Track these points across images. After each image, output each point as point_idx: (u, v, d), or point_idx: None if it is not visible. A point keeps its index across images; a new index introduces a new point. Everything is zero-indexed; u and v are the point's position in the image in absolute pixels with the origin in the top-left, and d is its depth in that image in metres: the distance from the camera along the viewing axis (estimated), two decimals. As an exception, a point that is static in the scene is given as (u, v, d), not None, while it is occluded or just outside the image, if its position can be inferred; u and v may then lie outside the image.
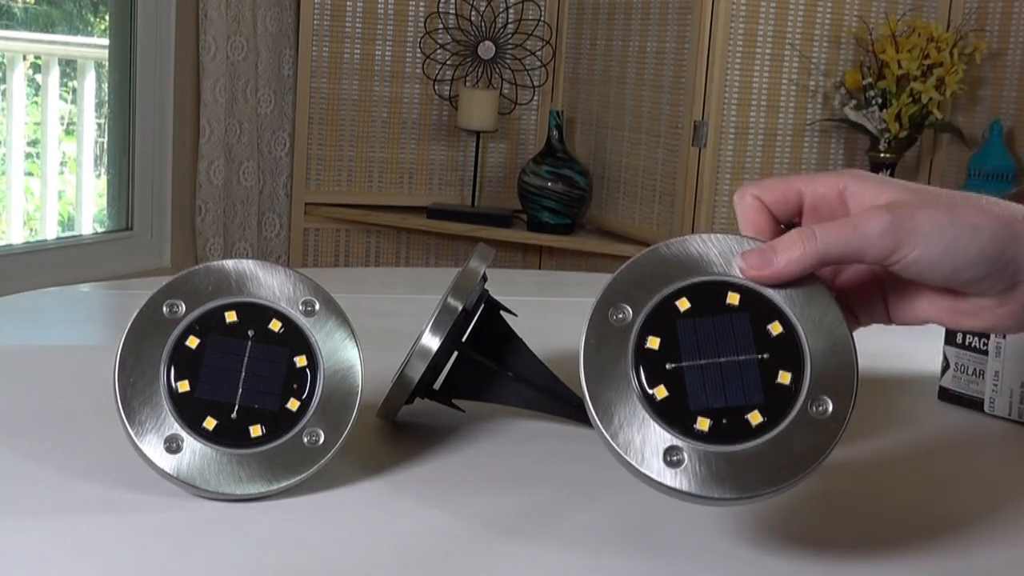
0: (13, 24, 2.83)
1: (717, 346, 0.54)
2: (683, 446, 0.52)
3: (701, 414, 0.52)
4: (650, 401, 0.53)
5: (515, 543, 0.59)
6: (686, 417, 0.52)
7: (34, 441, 0.69)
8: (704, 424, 0.52)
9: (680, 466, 0.52)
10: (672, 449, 0.52)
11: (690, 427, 0.52)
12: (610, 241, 2.81)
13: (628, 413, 0.53)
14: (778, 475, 0.52)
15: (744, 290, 0.55)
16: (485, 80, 3.00)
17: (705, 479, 0.52)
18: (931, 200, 0.54)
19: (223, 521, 0.59)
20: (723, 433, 0.52)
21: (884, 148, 2.58)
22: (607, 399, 0.53)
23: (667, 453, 0.52)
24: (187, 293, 0.63)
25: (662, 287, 0.55)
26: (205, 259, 2.73)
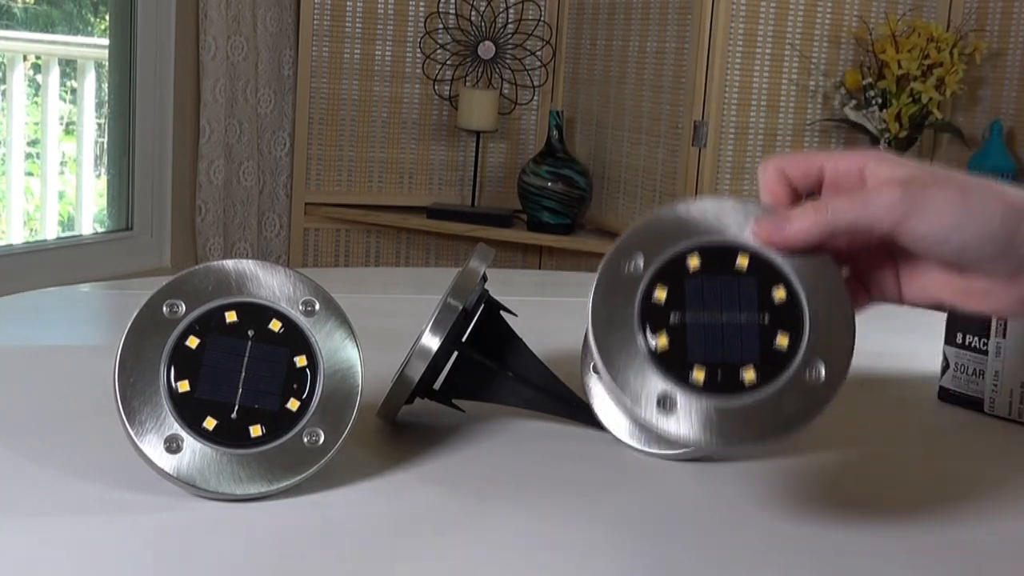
0: (13, 24, 2.83)
1: (721, 305, 0.56)
2: (677, 394, 0.55)
3: (698, 365, 0.55)
4: (651, 349, 0.56)
5: (515, 543, 0.59)
6: (683, 367, 0.55)
7: (34, 441, 0.69)
8: (700, 375, 0.55)
9: (672, 412, 0.54)
10: (666, 395, 0.55)
11: (686, 377, 0.55)
12: (610, 241, 2.80)
13: (629, 358, 0.55)
14: (764, 431, 0.54)
15: (754, 255, 0.57)
16: (485, 80, 3.00)
17: (694, 426, 0.54)
18: (945, 179, 0.56)
19: (223, 521, 0.59)
20: (716, 386, 0.55)
21: (884, 148, 2.58)
22: (611, 343, 0.56)
23: (661, 398, 0.54)
24: (187, 293, 0.63)
25: (676, 243, 0.58)
26: (205, 259, 2.73)
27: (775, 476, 0.71)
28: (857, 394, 0.92)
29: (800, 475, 0.71)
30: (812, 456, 0.75)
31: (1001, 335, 0.83)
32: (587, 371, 0.76)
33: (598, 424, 0.75)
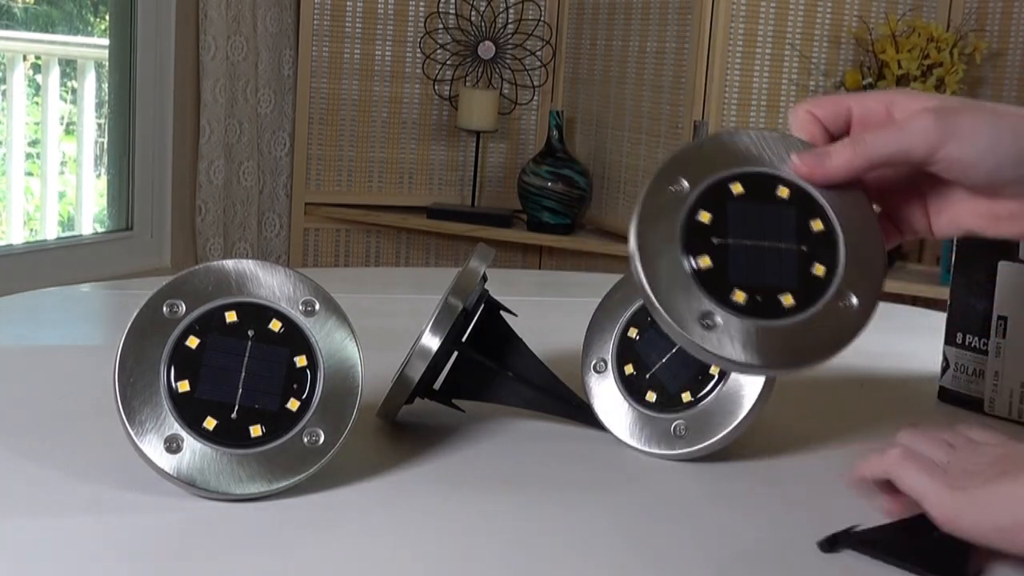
0: (13, 24, 2.83)
1: (763, 231, 0.59)
2: (718, 313, 0.56)
3: (739, 287, 0.57)
4: (694, 268, 0.57)
5: (515, 543, 0.59)
6: (725, 288, 0.57)
7: (34, 441, 0.69)
8: (740, 297, 0.57)
9: (713, 330, 0.56)
10: (708, 314, 0.56)
11: (727, 297, 0.57)
12: (610, 241, 2.81)
13: (672, 276, 0.57)
14: (801, 354, 0.56)
15: (793, 186, 0.60)
16: (485, 80, 3.00)
17: (735, 345, 0.56)
18: (975, 106, 0.57)
19: (223, 521, 0.59)
20: (756, 308, 0.56)
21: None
22: (655, 262, 0.57)
23: (703, 317, 0.56)
24: (187, 293, 0.63)
25: (719, 169, 0.60)
26: (205, 259, 2.73)
27: (775, 476, 0.71)
28: (857, 394, 0.92)
29: (800, 475, 0.71)
30: (812, 456, 0.75)
31: (1001, 335, 0.83)
32: (587, 371, 0.76)
33: (598, 424, 0.75)
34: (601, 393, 0.75)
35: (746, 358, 0.55)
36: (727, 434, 0.70)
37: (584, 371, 0.76)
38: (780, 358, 0.56)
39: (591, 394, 0.75)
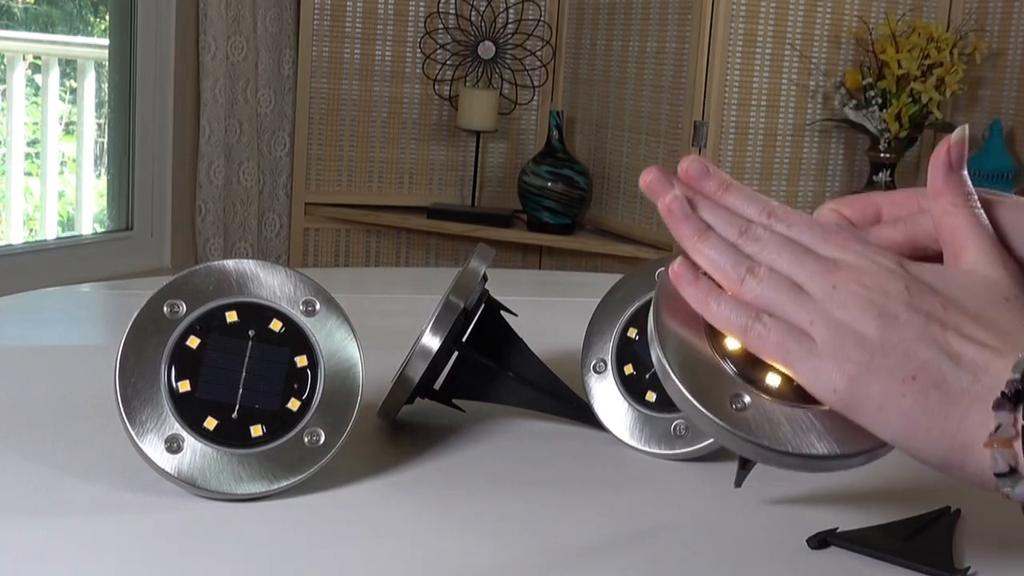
0: (13, 24, 2.83)
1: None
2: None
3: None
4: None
5: (515, 542, 0.59)
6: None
7: (34, 441, 0.69)
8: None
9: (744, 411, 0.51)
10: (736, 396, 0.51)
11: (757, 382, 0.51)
12: (610, 241, 2.81)
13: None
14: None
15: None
16: (485, 80, 3.00)
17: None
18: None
19: (223, 521, 0.59)
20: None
21: (884, 148, 2.58)
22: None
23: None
24: (188, 293, 0.63)
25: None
26: (205, 259, 2.73)
27: (774, 475, 0.71)
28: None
29: (800, 475, 0.71)
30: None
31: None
32: (587, 371, 0.76)
33: (598, 424, 0.75)
34: (601, 393, 0.75)
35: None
36: (727, 434, 0.70)
37: (584, 371, 0.76)
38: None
39: (591, 394, 0.75)
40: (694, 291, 0.52)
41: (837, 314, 0.48)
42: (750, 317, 0.50)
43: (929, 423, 0.46)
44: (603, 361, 0.76)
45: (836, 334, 0.48)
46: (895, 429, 0.47)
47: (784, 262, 0.51)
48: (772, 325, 0.49)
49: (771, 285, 0.50)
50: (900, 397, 0.47)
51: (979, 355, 0.47)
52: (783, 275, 0.50)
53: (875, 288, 0.48)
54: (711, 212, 0.53)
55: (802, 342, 0.49)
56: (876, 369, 0.47)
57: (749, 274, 0.51)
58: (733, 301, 0.51)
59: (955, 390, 0.46)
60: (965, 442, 0.46)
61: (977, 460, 0.46)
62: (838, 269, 0.49)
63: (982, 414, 0.45)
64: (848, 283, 0.49)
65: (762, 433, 0.49)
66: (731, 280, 0.51)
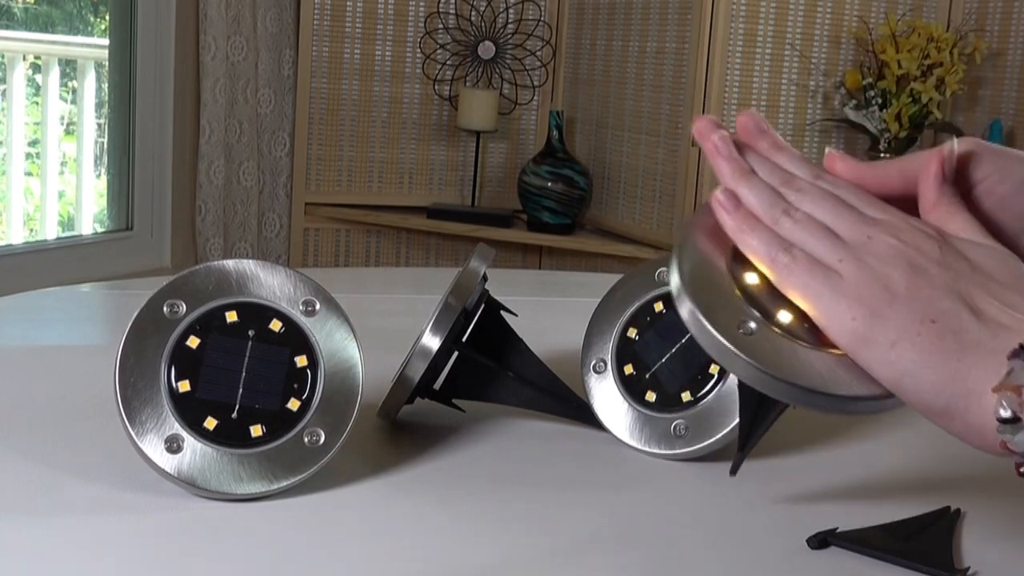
0: (13, 24, 2.83)
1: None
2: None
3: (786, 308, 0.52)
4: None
5: (515, 542, 0.59)
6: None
7: (34, 441, 0.69)
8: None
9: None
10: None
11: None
12: (610, 241, 2.81)
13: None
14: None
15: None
16: (485, 80, 3.00)
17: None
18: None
19: (223, 521, 0.59)
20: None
21: (884, 148, 2.58)
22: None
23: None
24: (188, 293, 0.63)
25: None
26: (205, 259, 2.73)
27: (775, 475, 0.71)
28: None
29: (800, 474, 0.71)
30: (811, 455, 0.75)
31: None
32: (587, 371, 0.76)
33: (598, 424, 0.75)
34: (601, 393, 0.75)
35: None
36: (727, 434, 0.70)
37: (584, 371, 0.76)
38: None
39: (591, 394, 0.75)
40: (731, 219, 0.53)
41: (868, 259, 0.50)
42: (780, 248, 0.51)
43: (939, 363, 0.47)
44: (603, 361, 0.76)
45: (863, 274, 0.49)
46: (904, 366, 0.47)
47: (823, 211, 0.52)
48: (801, 258, 0.51)
49: (805, 226, 0.52)
50: (916, 336, 0.47)
51: (1002, 314, 0.47)
52: (819, 221, 0.52)
53: (909, 243, 0.50)
54: (758, 161, 0.55)
55: (829, 277, 0.50)
56: (898, 307, 0.48)
57: (784, 214, 0.52)
58: (768, 232, 0.52)
59: (972, 339, 0.47)
60: (972, 387, 0.46)
61: (981, 407, 0.46)
62: (876, 224, 0.51)
63: (995, 363, 0.46)
64: (883, 235, 0.50)
65: (763, 357, 0.50)
66: (766, 218, 0.53)
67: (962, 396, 0.46)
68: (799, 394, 0.50)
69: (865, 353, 0.48)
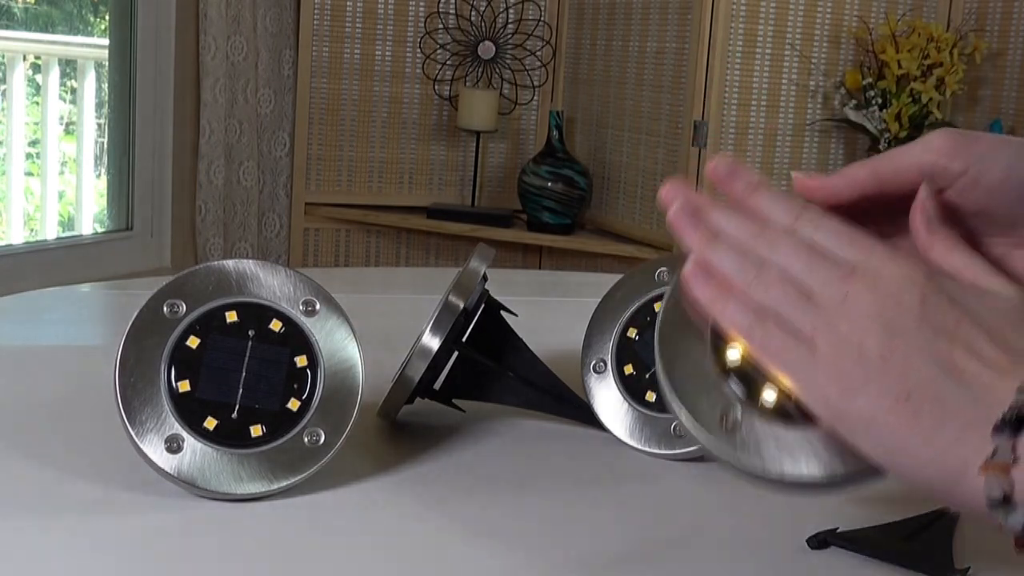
0: (13, 24, 2.83)
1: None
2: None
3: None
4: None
5: (515, 542, 0.59)
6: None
7: (34, 441, 0.69)
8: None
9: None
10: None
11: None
12: (610, 241, 2.81)
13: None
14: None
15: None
16: (485, 80, 3.00)
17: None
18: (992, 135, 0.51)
19: (223, 521, 0.59)
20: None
21: (884, 148, 2.58)
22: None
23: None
24: (188, 293, 0.63)
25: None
26: (205, 259, 2.73)
27: (775, 476, 0.71)
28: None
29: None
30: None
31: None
32: (587, 371, 0.76)
33: (598, 424, 0.75)
34: (601, 393, 0.75)
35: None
36: (727, 434, 0.70)
37: (584, 371, 0.76)
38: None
39: (591, 394, 0.75)
40: (705, 291, 0.51)
41: (842, 325, 0.47)
42: (755, 320, 0.49)
43: (917, 441, 0.44)
44: (603, 361, 0.76)
45: (837, 345, 0.47)
46: (883, 446, 0.45)
47: (798, 268, 0.49)
48: (775, 331, 0.48)
49: (777, 291, 0.49)
50: (891, 414, 0.45)
51: (983, 373, 0.44)
52: (794, 280, 0.49)
53: (888, 297, 0.47)
54: (726, 217, 0.52)
55: (802, 350, 0.47)
56: (871, 383, 0.45)
57: (756, 279, 0.50)
58: (742, 303, 0.50)
59: (951, 409, 0.44)
60: (957, 465, 0.44)
61: (969, 485, 0.43)
62: (854, 275, 0.48)
63: (979, 437, 0.43)
64: (861, 292, 0.47)
65: (746, 451, 0.49)
66: (738, 282, 0.50)
67: (946, 474, 0.44)
68: (790, 485, 0.49)
69: (844, 430, 0.46)
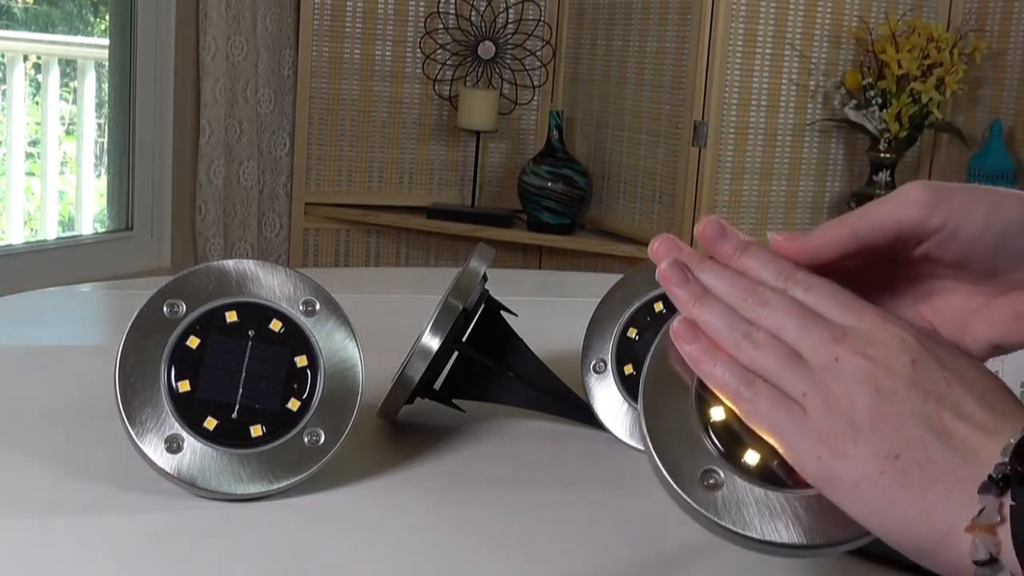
0: (13, 24, 2.83)
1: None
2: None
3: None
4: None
5: (515, 542, 0.59)
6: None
7: (34, 441, 0.69)
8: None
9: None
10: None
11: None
12: (610, 241, 2.81)
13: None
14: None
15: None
16: (485, 80, 3.00)
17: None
18: (968, 185, 0.51)
19: (223, 521, 0.59)
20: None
21: (884, 148, 2.58)
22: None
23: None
24: (188, 293, 0.63)
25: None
26: (205, 259, 2.73)
27: (775, 476, 0.71)
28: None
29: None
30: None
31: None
32: (587, 371, 0.76)
33: (598, 424, 0.75)
34: (601, 393, 0.75)
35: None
36: (727, 434, 0.70)
37: (584, 371, 0.76)
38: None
39: (591, 394, 0.75)
40: (692, 350, 0.50)
41: (833, 387, 0.47)
42: (743, 382, 0.49)
43: (904, 502, 0.44)
44: (603, 361, 0.76)
45: (827, 408, 0.46)
46: (869, 506, 0.45)
47: (790, 328, 0.49)
48: (764, 392, 0.48)
49: (768, 352, 0.49)
50: (880, 474, 0.45)
51: (971, 436, 0.45)
52: (784, 342, 0.49)
53: (879, 361, 0.47)
54: (716, 275, 0.51)
55: (792, 413, 0.47)
56: (861, 444, 0.45)
57: (745, 339, 0.49)
58: (730, 363, 0.49)
59: (940, 469, 0.44)
60: (942, 526, 0.44)
61: (954, 546, 0.43)
62: (845, 338, 0.48)
63: (965, 497, 0.43)
64: (851, 355, 0.47)
65: (727, 514, 0.48)
66: (727, 344, 0.50)
67: (931, 536, 0.44)
68: (769, 548, 0.49)
69: (832, 492, 0.46)
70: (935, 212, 0.49)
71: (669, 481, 0.49)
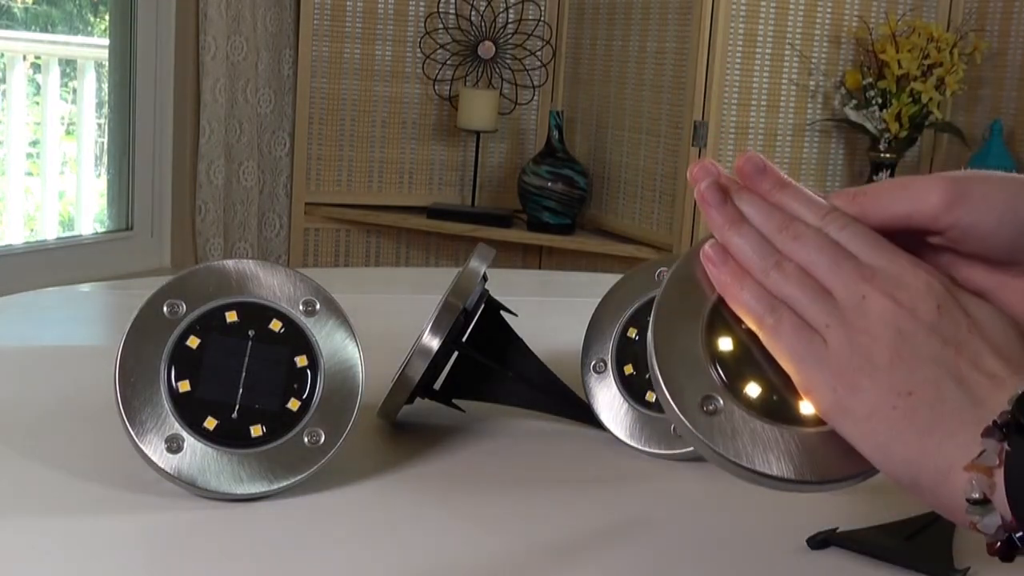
0: (13, 24, 2.83)
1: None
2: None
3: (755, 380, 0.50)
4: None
5: (515, 542, 0.59)
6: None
7: (34, 441, 0.69)
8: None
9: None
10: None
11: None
12: (610, 241, 2.81)
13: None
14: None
15: None
16: (485, 80, 3.00)
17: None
18: (982, 173, 0.51)
19: (223, 521, 0.59)
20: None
21: (884, 148, 2.58)
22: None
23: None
24: (188, 293, 0.63)
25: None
26: (205, 259, 2.73)
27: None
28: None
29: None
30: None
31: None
32: (587, 371, 0.76)
33: (598, 424, 0.75)
34: (601, 393, 0.75)
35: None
36: (727, 434, 0.70)
37: (584, 371, 0.76)
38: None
39: (591, 394, 0.75)
40: (721, 273, 0.51)
41: (857, 323, 0.47)
42: (768, 308, 0.49)
43: (910, 437, 0.45)
44: (603, 361, 0.76)
45: (848, 343, 0.47)
46: (877, 440, 0.46)
47: (821, 264, 0.49)
48: (788, 319, 0.49)
49: (795, 282, 0.49)
50: (891, 408, 0.46)
51: (984, 383, 0.46)
52: (813, 276, 0.49)
53: (905, 304, 0.47)
54: (754, 205, 0.52)
55: (813, 343, 0.48)
56: (877, 379, 0.46)
57: (775, 268, 0.50)
58: (757, 289, 0.50)
59: (948, 411, 0.45)
60: (943, 464, 0.45)
61: (952, 484, 0.45)
62: (874, 278, 0.48)
63: (968, 439, 0.44)
64: (879, 295, 0.48)
65: (721, 441, 0.49)
66: (756, 271, 0.50)
67: (932, 472, 0.45)
68: (759, 479, 0.49)
69: (843, 423, 0.47)
70: (949, 212, 0.49)
71: (670, 402, 0.50)
